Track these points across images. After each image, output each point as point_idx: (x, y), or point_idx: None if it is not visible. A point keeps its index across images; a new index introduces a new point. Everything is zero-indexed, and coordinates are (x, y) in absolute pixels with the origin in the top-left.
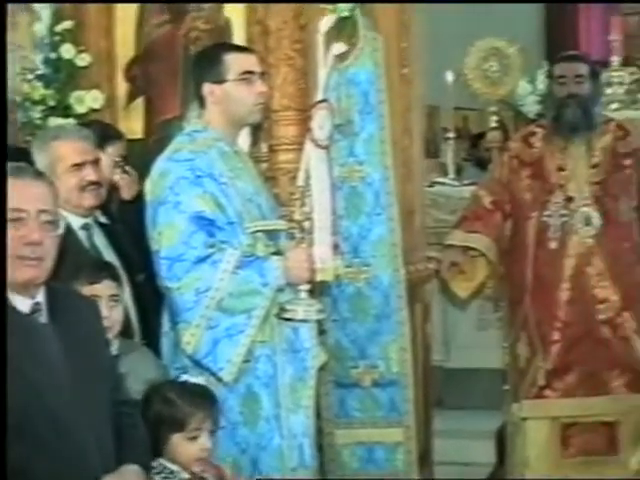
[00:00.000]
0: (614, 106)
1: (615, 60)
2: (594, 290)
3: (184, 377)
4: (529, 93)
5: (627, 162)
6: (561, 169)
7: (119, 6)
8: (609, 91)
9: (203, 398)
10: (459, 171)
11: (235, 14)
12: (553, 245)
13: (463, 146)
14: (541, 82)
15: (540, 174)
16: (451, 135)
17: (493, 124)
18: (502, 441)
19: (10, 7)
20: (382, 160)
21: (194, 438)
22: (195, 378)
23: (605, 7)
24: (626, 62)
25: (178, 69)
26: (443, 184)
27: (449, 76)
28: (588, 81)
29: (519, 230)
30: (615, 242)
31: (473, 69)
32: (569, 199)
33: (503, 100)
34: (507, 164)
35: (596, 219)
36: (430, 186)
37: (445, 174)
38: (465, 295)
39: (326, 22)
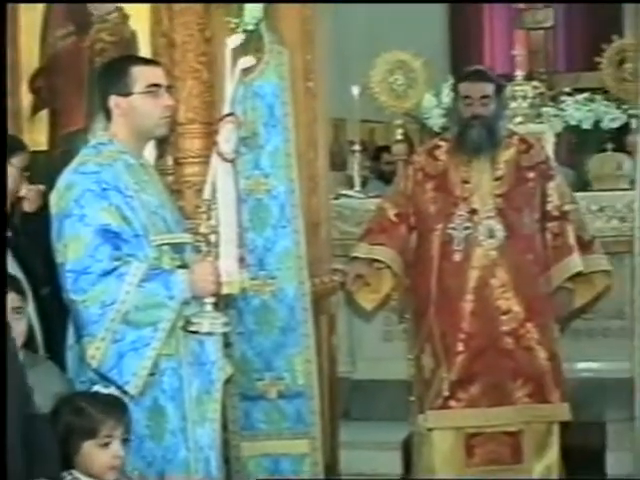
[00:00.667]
0: (518, 120)
1: (519, 74)
2: (498, 301)
3: (95, 388)
4: (434, 106)
5: (530, 175)
6: (465, 182)
7: (23, 14)
8: (513, 105)
9: (113, 406)
10: (365, 183)
11: (140, 26)
12: (457, 257)
13: (369, 158)
14: (446, 95)
15: (444, 187)
16: (357, 148)
17: (399, 137)
18: (408, 452)
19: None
20: (287, 173)
21: (106, 445)
22: (106, 389)
23: (509, 21)
24: (530, 76)
25: (83, 81)
26: (349, 196)
27: (355, 90)
28: (493, 101)
29: (424, 242)
30: (518, 254)
31: (379, 82)
32: (473, 212)
33: (408, 113)
34: (412, 177)
35: (499, 231)
36: (336, 198)
37: (351, 186)
38: (370, 307)
39: (235, 38)
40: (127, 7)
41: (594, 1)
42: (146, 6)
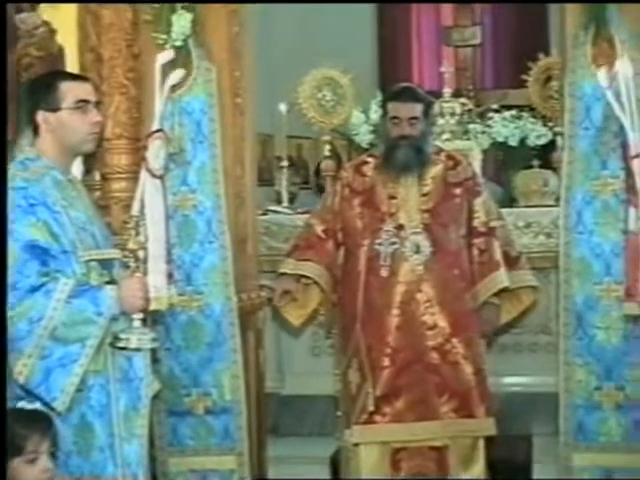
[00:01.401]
0: (445, 136)
1: (447, 91)
2: (424, 317)
3: (20, 404)
4: (362, 122)
5: (457, 191)
6: (392, 198)
7: None
8: (441, 121)
9: (37, 421)
10: (293, 199)
11: (68, 41)
12: (384, 273)
13: (299, 174)
14: (374, 112)
15: (371, 202)
16: (285, 163)
17: (327, 153)
18: (336, 467)
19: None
20: (214, 189)
21: (33, 461)
22: (31, 405)
23: (437, 38)
24: (457, 93)
25: (10, 96)
26: (276, 212)
27: (282, 106)
28: (421, 120)
29: (351, 258)
30: (445, 269)
31: (307, 98)
32: (400, 227)
33: (337, 129)
34: (339, 193)
35: (426, 247)
36: (263, 214)
37: (279, 202)
38: (298, 322)
39: (165, 55)
40: (54, 22)
41: (523, 1)
42: (73, 21)
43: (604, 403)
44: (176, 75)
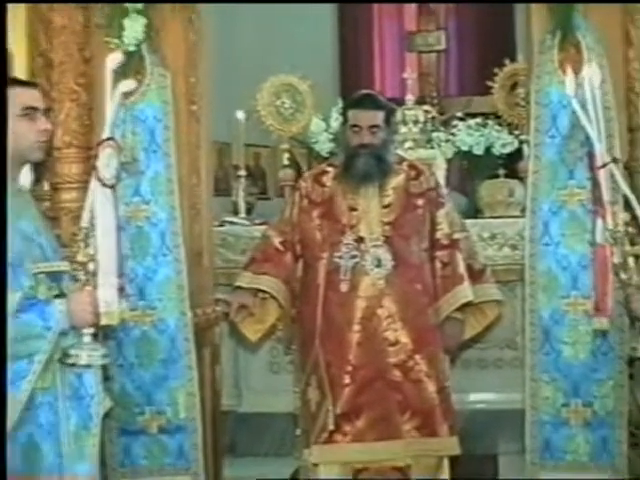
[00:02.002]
0: (408, 145)
1: (410, 98)
2: (385, 332)
3: None
4: (322, 130)
5: (419, 202)
6: (352, 209)
7: None
8: (403, 129)
9: None
10: (250, 210)
11: (17, 46)
12: (344, 287)
13: (257, 183)
14: (335, 119)
15: (331, 214)
16: (242, 173)
17: (285, 162)
18: None
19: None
20: (169, 199)
21: None
22: None
23: (400, 44)
24: (421, 100)
25: None
26: (233, 223)
27: (240, 113)
28: (383, 129)
29: (310, 271)
30: (407, 284)
31: (265, 105)
32: (360, 240)
33: (296, 137)
34: (298, 203)
35: (387, 260)
36: (220, 225)
37: (236, 213)
38: (255, 338)
39: (114, 59)
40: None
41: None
42: (22, 24)
43: (571, 420)
44: (127, 83)
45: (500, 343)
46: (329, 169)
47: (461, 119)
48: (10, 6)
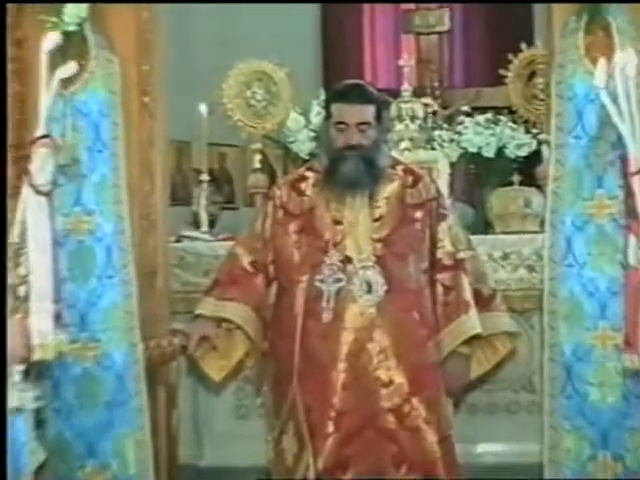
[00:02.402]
0: (404, 145)
1: (406, 89)
2: (377, 371)
3: None
4: (301, 127)
5: (417, 214)
6: (337, 223)
7: None
8: (399, 127)
9: None
10: (213, 222)
11: None
12: (327, 316)
13: (222, 190)
14: (316, 114)
15: (311, 228)
16: (204, 178)
17: (257, 165)
18: None
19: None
20: (116, 209)
21: None
22: None
23: (395, 24)
24: (420, 92)
25: None
26: (193, 238)
27: (203, 107)
28: (374, 126)
29: (286, 297)
30: (402, 312)
31: (233, 97)
32: (347, 260)
33: (269, 135)
34: (271, 215)
35: (379, 284)
36: (177, 241)
37: (196, 226)
38: (220, 377)
39: (51, 39)
40: None
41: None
42: None
43: (599, 476)
44: (67, 69)
45: (514, 384)
46: (309, 174)
47: (468, 114)
48: None
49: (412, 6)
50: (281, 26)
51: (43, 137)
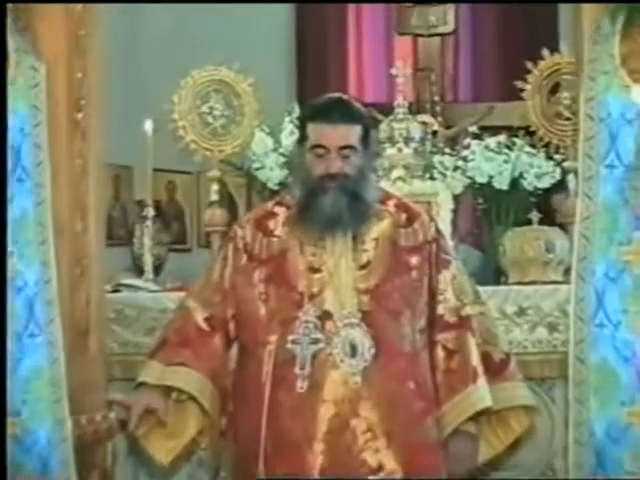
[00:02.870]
0: (397, 174)
1: (400, 104)
2: (363, 454)
3: None
4: (270, 151)
5: (413, 260)
6: (314, 270)
7: None
8: (390, 151)
9: None
10: (160, 267)
11: None
12: (301, 386)
13: (171, 227)
14: (288, 135)
15: (282, 277)
16: (149, 212)
17: (214, 196)
18: None
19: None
20: (40, 252)
21: None
22: None
23: (387, 24)
24: (417, 107)
25: None
26: (135, 288)
27: (148, 124)
28: (359, 151)
29: (250, 362)
30: (393, 382)
31: (186, 112)
32: (326, 316)
33: (230, 160)
34: (232, 260)
35: (365, 347)
36: (115, 291)
37: (139, 272)
38: (167, 460)
39: None
40: None
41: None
42: None
43: None
44: None
45: (531, 470)
46: (279, 210)
47: (476, 136)
48: None
49: (409, 1)
50: (246, 26)
51: None
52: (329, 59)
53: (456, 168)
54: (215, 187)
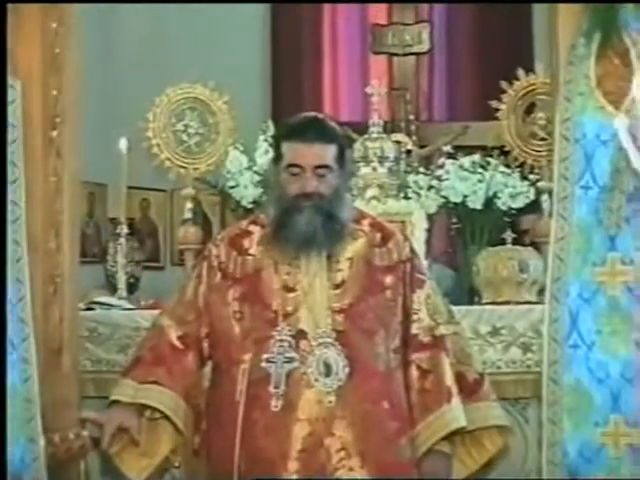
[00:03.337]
0: (371, 193)
1: (375, 123)
2: (337, 472)
3: None
4: (244, 169)
5: (387, 280)
6: (288, 289)
7: None
8: (365, 170)
9: None
10: (134, 286)
11: None
12: (275, 405)
13: (145, 245)
14: (263, 153)
15: (256, 296)
16: (123, 230)
17: (188, 214)
18: None
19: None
20: (13, 271)
21: None
22: None
23: (362, 42)
24: (391, 127)
25: None
26: (108, 306)
27: (122, 142)
28: (334, 170)
29: (224, 380)
30: (368, 401)
31: (160, 130)
32: (300, 335)
33: (204, 178)
34: (206, 279)
35: (340, 366)
36: (88, 309)
37: (112, 290)
38: (140, 478)
39: None
40: None
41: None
42: None
43: None
44: None
45: None
46: (253, 228)
47: (450, 155)
48: None
49: (384, 20)
50: (221, 44)
51: None
52: (304, 78)
53: (430, 187)
54: (189, 205)
